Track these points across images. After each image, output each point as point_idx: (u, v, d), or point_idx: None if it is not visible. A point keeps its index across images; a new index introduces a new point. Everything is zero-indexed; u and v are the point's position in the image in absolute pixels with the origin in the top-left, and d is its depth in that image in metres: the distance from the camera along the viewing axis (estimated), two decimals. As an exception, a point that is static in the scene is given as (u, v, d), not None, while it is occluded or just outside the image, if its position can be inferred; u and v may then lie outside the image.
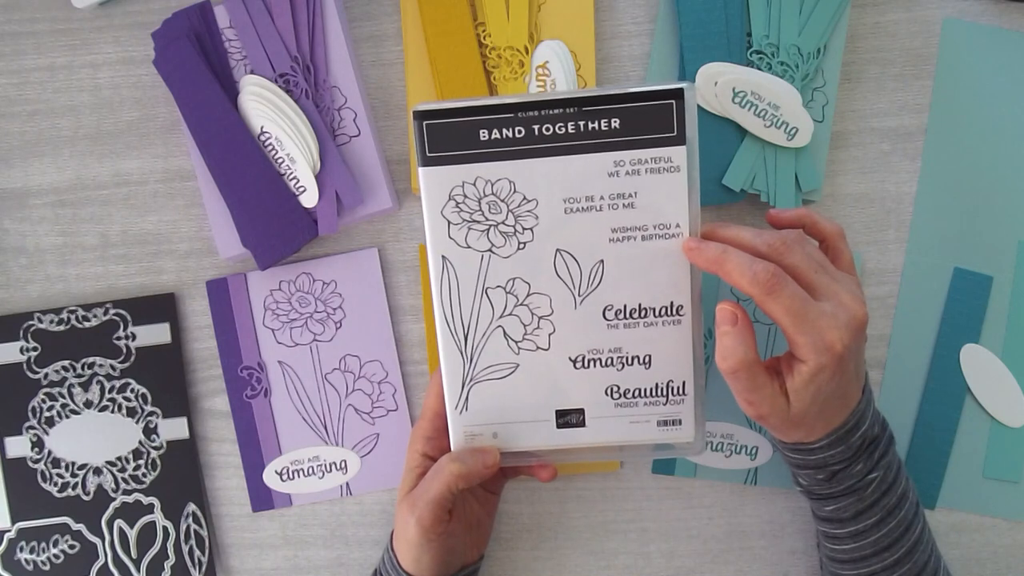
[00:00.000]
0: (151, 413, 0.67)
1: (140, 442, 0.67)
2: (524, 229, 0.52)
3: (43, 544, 0.67)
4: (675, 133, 0.51)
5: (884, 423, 0.57)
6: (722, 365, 0.50)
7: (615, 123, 0.51)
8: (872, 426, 0.55)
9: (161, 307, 0.68)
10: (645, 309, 0.53)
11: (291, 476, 0.67)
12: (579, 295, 0.53)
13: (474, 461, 0.54)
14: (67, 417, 0.67)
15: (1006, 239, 0.66)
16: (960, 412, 0.65)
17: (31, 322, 0.67)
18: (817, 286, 0.50)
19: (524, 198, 0.52)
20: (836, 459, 0.55)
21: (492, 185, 0.52)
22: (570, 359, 0.54)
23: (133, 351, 0.67)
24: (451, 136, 0.51)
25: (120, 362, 0.67)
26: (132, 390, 0.67)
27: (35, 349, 0.67)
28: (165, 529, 0.67)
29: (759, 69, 0.63)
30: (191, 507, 0.67)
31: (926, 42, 0.66)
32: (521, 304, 0.53)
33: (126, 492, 0.67)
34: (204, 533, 0.67)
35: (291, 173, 0.64)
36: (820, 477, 0.57)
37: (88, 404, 0.67)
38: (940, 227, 0.66)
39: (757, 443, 0.66)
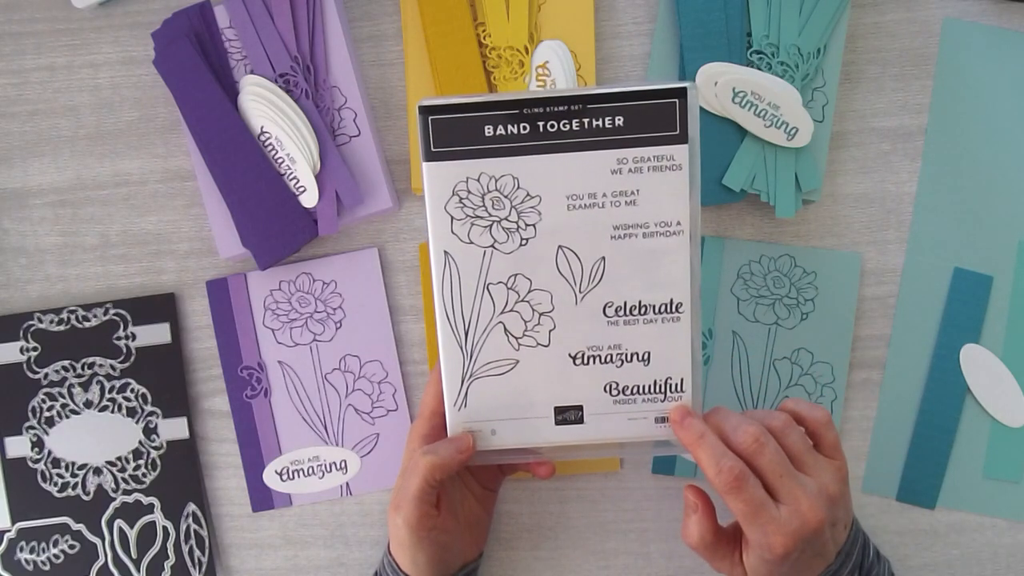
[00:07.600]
0: (151, 413, 0.67)
1: (140, 442, 0.67)
2: (527, 225, 0.52)
3: (43, 544, 0.67)
4: (678, 132, 0.51)
5: (862, 560, 0.56)
6: (684, 540, 0.55)
7: (619, 121, 0.51)
8: (851, 574, 0.55)
9: (161, 307, 0.68)
10: (645, 306, 0.53)
11: (291, 476, 0.67)
12: (580, 292, 0.53)
13: (447, 450, 0.54)
14: (67, 417, 0.67)
15: (1006, 239, 0.66)
16: (960, 412, 0.65)
17: (31, 322, 0.67)
18: (779, 490, 0.51)
19: (527, 194, 0.52)
20: None
21: (496, 181, 0.52)
22: (570, 356, 0.54)
23: (133, 351, 0.67)
24: (456, 131, 0.51)
25: (120, 362, 0.67)
26: (132, 390, 0.67)
27: (35, 349, 0.67)
28: (165, 529, 0.67)
29: (759, 69, 0.63)
30: (191, 507, 0.67)
31: (926, 42, 0.66)
32: (522, 300, 0.53)
33: (126, 492, 0.67)
34: (204, 533, 0.67)
35: (291, 173, 0.64)
36: None
37: (88, 404, 0.67)
38: (940, 227, 0.66)
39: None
